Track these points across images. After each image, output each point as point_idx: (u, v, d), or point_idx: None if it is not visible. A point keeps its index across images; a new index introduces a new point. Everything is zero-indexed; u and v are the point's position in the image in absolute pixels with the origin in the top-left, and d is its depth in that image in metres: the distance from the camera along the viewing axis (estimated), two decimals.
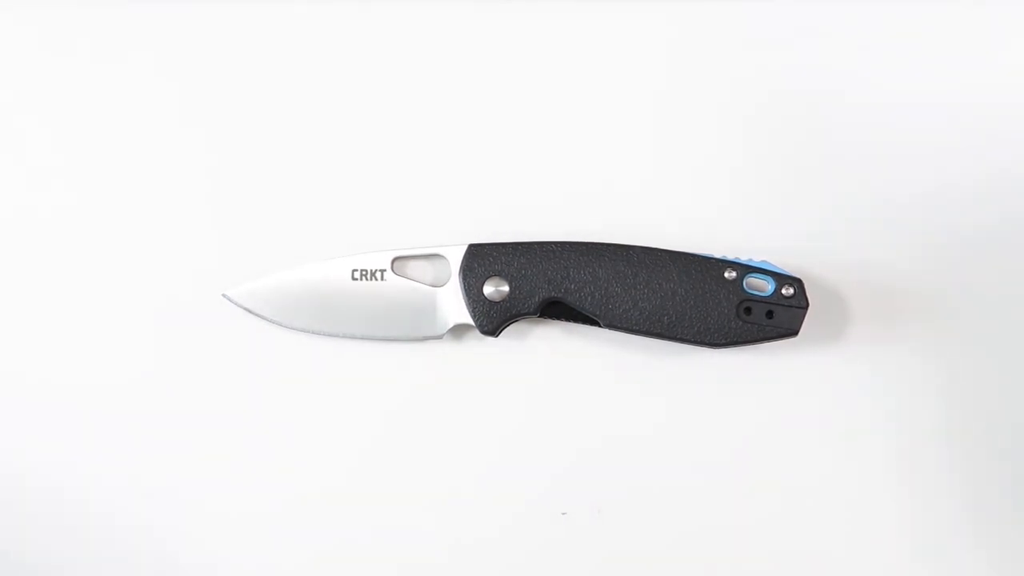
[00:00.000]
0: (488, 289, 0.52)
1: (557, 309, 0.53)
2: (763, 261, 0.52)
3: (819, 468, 0.54)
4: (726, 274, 0.52)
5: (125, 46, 0.55)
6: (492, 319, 0.53)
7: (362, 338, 0.54)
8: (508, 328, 0.53)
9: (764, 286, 0.52)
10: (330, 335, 0.54)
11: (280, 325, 0.54)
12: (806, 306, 0.52)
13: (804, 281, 0.52)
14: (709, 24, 0.55)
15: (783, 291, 0.52)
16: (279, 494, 0.54)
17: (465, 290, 0.53)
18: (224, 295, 0.54)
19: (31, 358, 0.55)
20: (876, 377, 0.54)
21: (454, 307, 0.53)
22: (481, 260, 0.53)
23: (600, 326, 0.52)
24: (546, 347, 0.55)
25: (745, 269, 0.52)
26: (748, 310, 0.52)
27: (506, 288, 0.52)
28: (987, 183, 0.55)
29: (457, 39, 0.56)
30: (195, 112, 0.54)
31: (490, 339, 0.53)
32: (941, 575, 0.54)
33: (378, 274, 0.53)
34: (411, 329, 0.53)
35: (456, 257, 0.53)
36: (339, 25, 0.55)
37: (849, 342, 0.54)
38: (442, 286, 0.53)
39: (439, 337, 0.53)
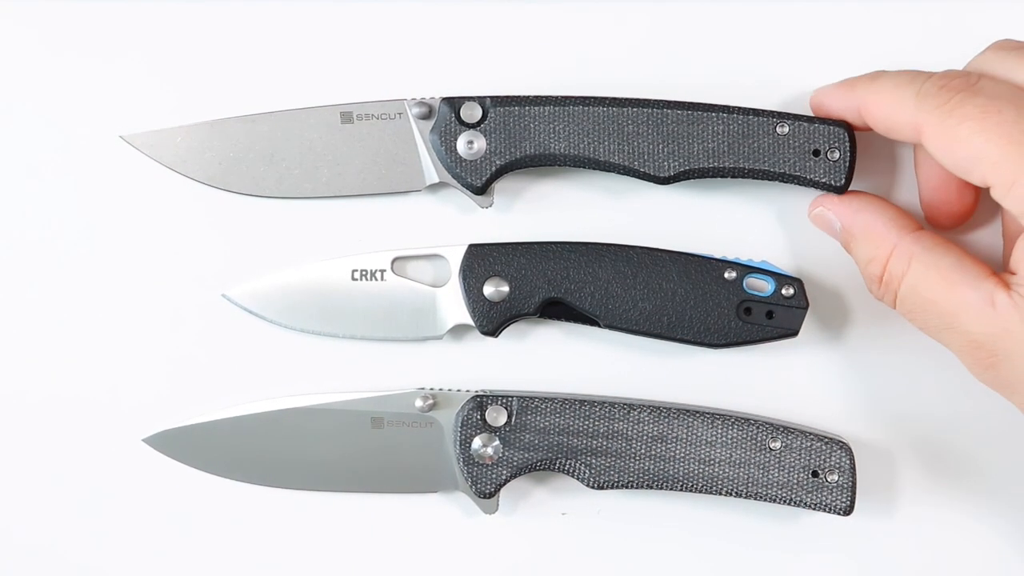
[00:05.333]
0: (488, 289, 0.52)
1: (557, 309, 0.53)
2: (763, 261, 0.52)
3: None
4: (726, 274, 0.52)
5: (126, 44, 0.55)
6: (492, 319, 0.53)
7: (362, 338, 0.54)
8: (508, 328, 0.53)
9: (764, 286, 0.52)
10: (330, 335, 0.54)
11: (280, 325, 0.54)
12: (806, 306, 0.52)
13: (804, 281, 0.52)
14: (706, 26, 0.55)
15: (783, 291, 0.52)
16: (279, 491, 0.54)
17: (465, 290, 0.53)
18: (224, 295, 0.54)
19: (31, 359, 0.55)
20: (876, 377, 0.54)
21: (454, 307, 0.53)
22: (481, 260, 0.53)
23: (600, 326, 0.52)
24: (546, 347, 0.55)
25: (745, 269, 0.52)
26: (748, 310, 0.52)
27: (506, 288, 0.52)
28: None
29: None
30: (195, 111, 0.54)
31: (490, 339, 0.53)
32: (941, 572, 0.55)
33: (378, 274, 0.53)
34: (411, 329, 0.53)
35: (456, 257, 0.53)
36: (337, 25, 0.55)
37: (849, 342, 0.54)
38: (442, 286, 0.53)
39: (439, 337, 0.53)
